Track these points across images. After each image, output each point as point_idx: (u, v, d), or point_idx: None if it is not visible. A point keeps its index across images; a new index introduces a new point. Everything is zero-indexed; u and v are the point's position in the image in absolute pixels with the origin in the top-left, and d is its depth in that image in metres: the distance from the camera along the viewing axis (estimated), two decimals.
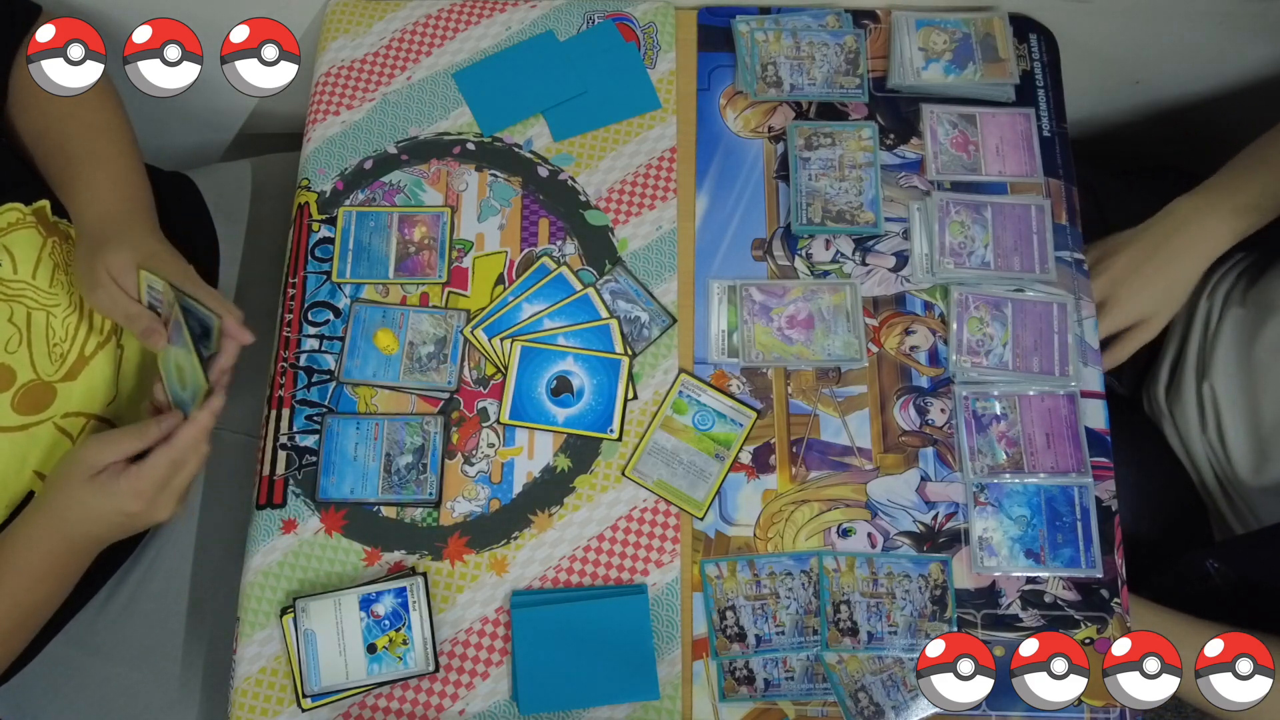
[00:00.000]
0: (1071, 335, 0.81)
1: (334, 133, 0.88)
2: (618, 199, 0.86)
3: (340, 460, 0.78)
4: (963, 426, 0.79)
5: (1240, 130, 0.98)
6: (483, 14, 0.92)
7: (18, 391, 0.72)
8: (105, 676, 0.84)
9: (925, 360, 0.82)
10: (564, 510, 0.78)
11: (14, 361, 0.72)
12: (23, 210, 0.76)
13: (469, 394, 0.80)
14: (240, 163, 1.07)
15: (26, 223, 0.76)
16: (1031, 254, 0.84)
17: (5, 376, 0.72)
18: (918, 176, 0.87)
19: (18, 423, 0.72)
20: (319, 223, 0.86)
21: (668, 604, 0.76)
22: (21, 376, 0.73)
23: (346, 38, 0.92)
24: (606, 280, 0.83)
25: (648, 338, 0.82)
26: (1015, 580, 0.76)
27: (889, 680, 0.73)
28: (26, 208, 0.76)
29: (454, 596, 0.76)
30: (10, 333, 0.73)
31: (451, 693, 0.74)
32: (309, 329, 0.82)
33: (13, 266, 0.74)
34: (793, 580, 0.76)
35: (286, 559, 0.76)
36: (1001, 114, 0.88)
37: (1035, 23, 0.93)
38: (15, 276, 0.74)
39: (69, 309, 0.77)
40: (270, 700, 0.74)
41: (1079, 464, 0.78)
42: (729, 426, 0.79)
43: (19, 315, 0.73)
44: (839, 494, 0.78)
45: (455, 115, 0.89)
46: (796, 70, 0.89)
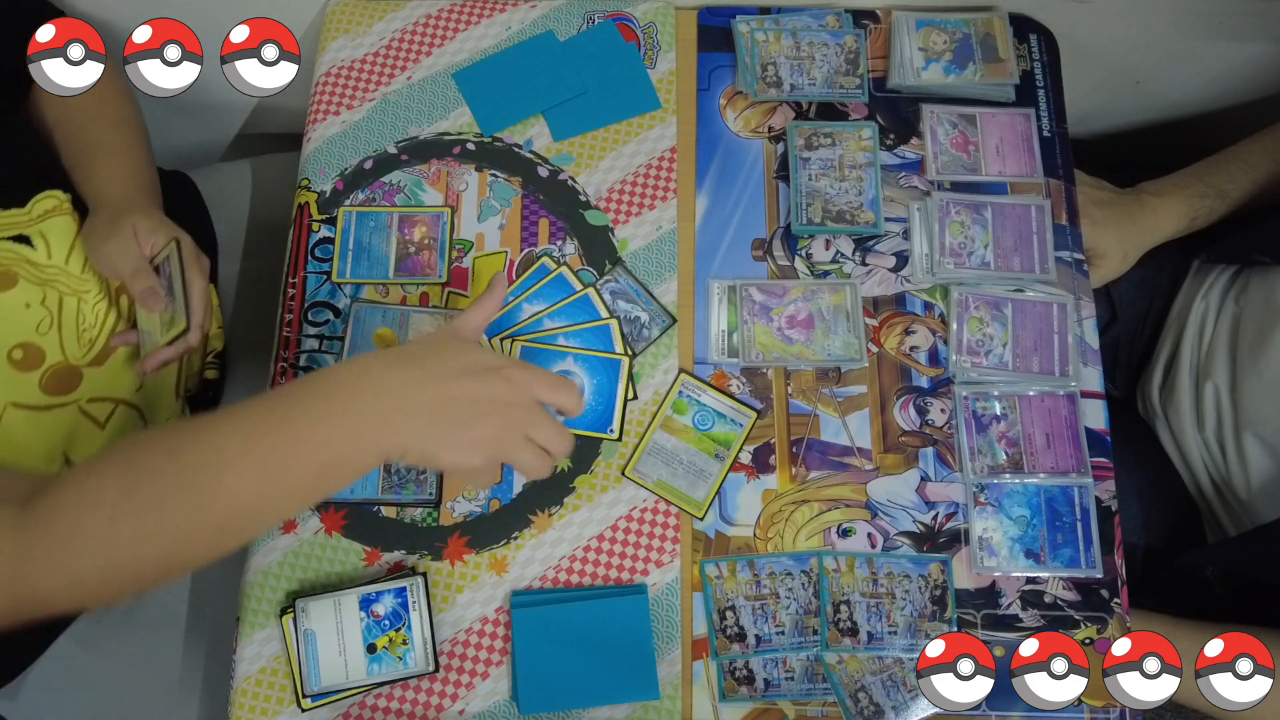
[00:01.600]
0: (1071, 335, 0.81)
1: (334, 133, 0.88)
2: (618, 199, 0.86)
3: None
4: (963, 426, 0.79)
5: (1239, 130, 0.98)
6: (483, 14, 0.92)
7: (46, 372, 0.73)
8: (106, 676, 0.85)
9: (925, 360, 0.82)
10: (564, 510, 0.78)
11: (44, 343, 0.73)
12: (60, 197, 0.77)
13: None
14: (240, 162, 1.07)
15: (63, 210, 0.77)
16: (1031, 254, 0.84)
17: (34, 356, 0.73)
18: (918, 176, 0.87)
19: (44, 402, 0.73)
20: (319, 223, 0.86)
21: (668, 604, 0.76)
22: (50, 358, 0.74)
23: (346, 38, 0.92)
24: (606, 280, 0.83)
25: (648, 338, 0.82)
26: (1015, 580, 0.76)
27: (889, 680, 0.73)
28: (64, 195, 0.78)
29: (454, 596, 0.76)
30: (42, 315, 0.74)
31: (451, 693, 0.74)
32: (309, 329, 0.82)
33: (47, 251, 0.75)
34: (793, 580, 0.76)
35: (286, 559, 0.76)
36: (1001, 114, 0.88)
37: (1035, 23, 0.93)
38: (49, 261, 0.75)
39: (99, 295, 0.79)
40: (270, 700, 0.74)
41: (1079, 464, 0.78)
42: (729, 426, 0.79)
43: (51, 299, 0.74)
44: (839, 494, 0.78)
45: (455, 115, 0.89)
46: (796, 70, 0.89)
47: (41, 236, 0.75)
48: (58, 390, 0.74)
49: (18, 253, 0.73)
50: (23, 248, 0.73)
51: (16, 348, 0.71)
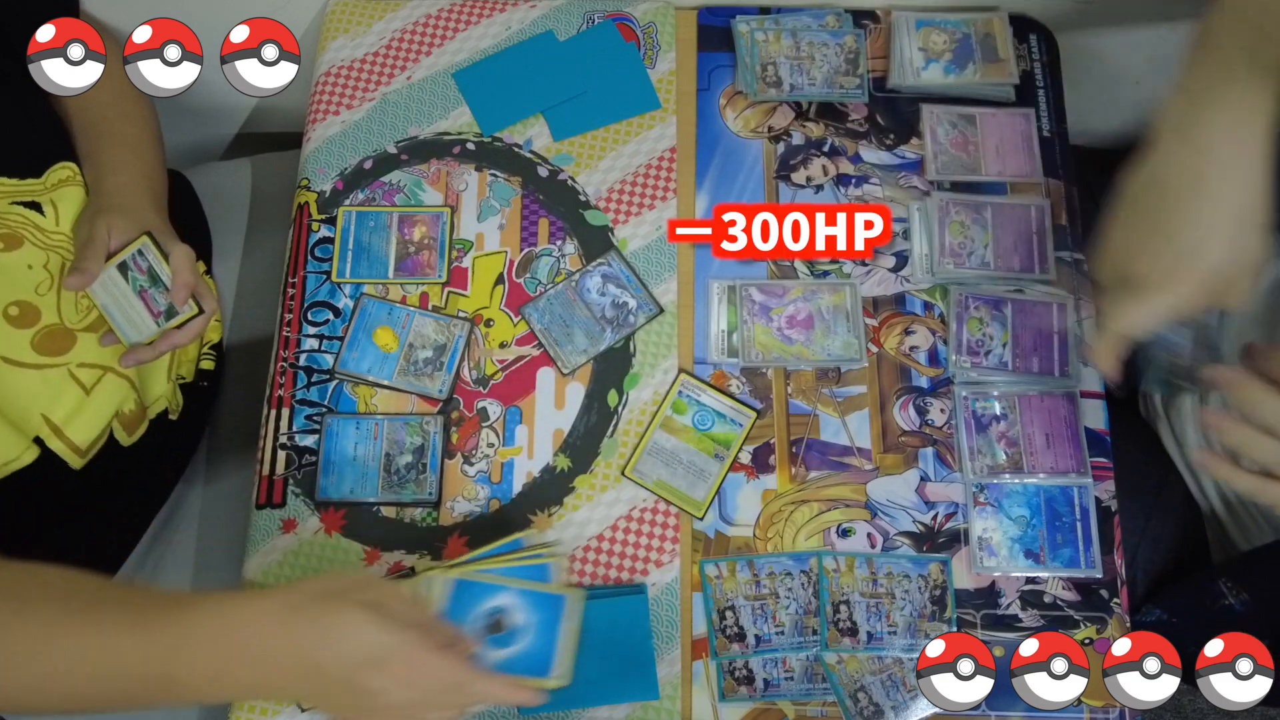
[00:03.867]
0: (1071, 335, 0.81)
1: (334, 132, 0.88)
2: (618, 199, 0.86)
3: (340, 460, 0.78)
4: (962, 427, 0.79)
5: None
6: (483, 14, 0.92)
7: (39, 332, 0.74)
8: None
9: (925, 360, 0.82)
10: (564, 510, 0.78)
11: (41, 304, 0.74)
12: (73, 169, 0.79)
13: (469, 394, 0.80)
14: (240, 161, 1.07)
15: (75, 181, 0.79)
16: (1031, 254, 0.84)
17: (30, 315, 0.74)
18: (918, 176, 0.87)
19: (34, 361, 0.73)
20: (319, 222, 0.86)
21: (667, 604, 0.76)
22: (46, 319, 0.74)
23: (346, 38, 0.92)
24: (599, 263, 0.83)
25: (632, 324, 0.81)
26: (1015, 580, 0.76)
27: (888, 680, 0.74)
28: (76, 167, 0.80)
29: None
30: (43, 277, 0.75)
31: None
32: (309, 329, 0.82)
33: (55, 219, 0.77)
34: (792, 580, 0.76)
35: (286, 559, 0.76)
36: (1001, 114, 0.88)
37: (1035, 23, 0.93)
38: (56, 228, 0.77)
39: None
40: (270, 700, 0.74)
41: (1079, 464, 0.78)
42: (729, 426, 0.79)
43: (53, 263, 0.76)
44: (839, 494, 0.78)
45: (455, 115, 0.89)
46: (796, 70, 0.89)
47: (52, 204, 0.76)
48: (49, 350, 0.74)
49: (27, 217, 0.75)
50: (33, 213, 0.75)
51: (13, 305, 0.72)
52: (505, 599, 0.69)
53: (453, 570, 0.69)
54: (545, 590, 0.70)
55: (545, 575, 0.71)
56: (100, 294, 0.76)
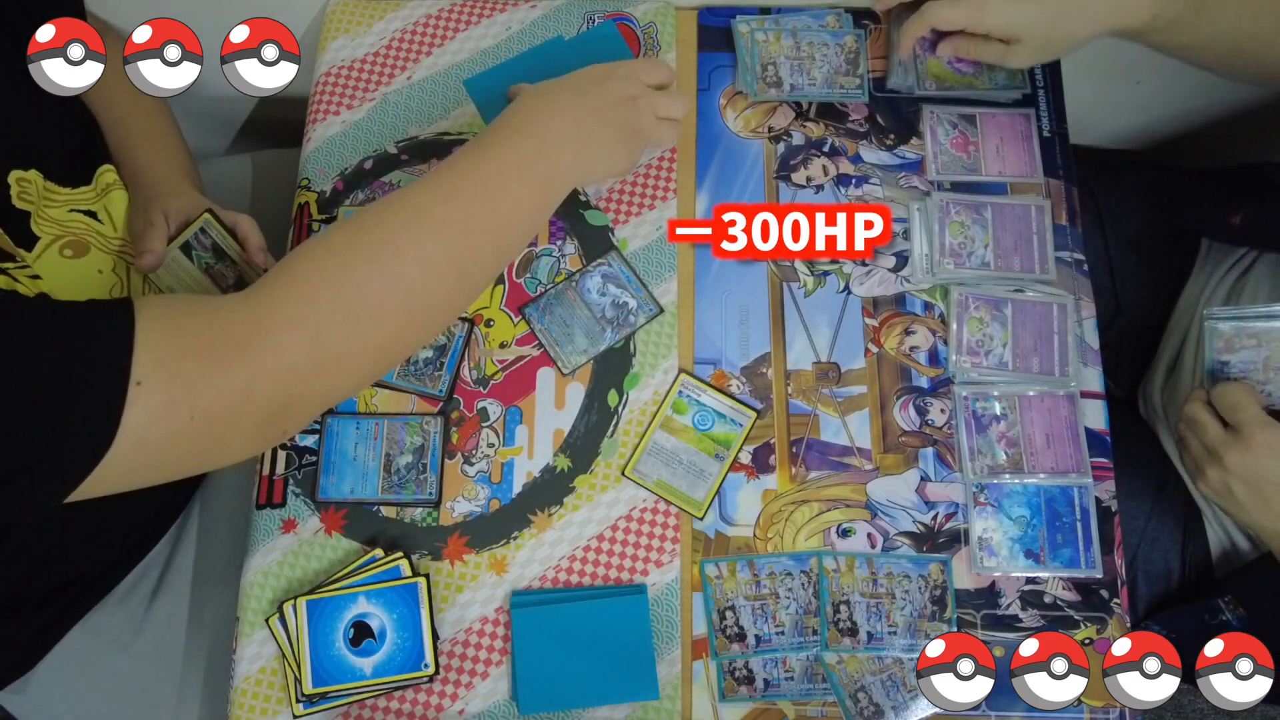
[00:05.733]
0: (1071, 335, 0.81)
1: (334, 133, 0.88)
2: (618, 199, 0.86)
3: (340, 460, 0.78)
4: (962, 427, 0.79)
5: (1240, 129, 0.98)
6: (483, 14, 0.92)
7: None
8: (117, 671, 0.85)
9: (925, 360, 0.82)
10: (564, 510, 0.78)
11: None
12: (115, 171, 0.81)
13: (469, 394, 0.80)
14: (240, 157, 1.07)
15: (119, 185, 0.80)
16: (1031, 254, 0.84)
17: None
18: (918, 176, 0.87)
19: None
20: (319, 222, 0.86)
21: (667, 604, 0.76)
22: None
23: (346, 37, 0.92)
24: (600, 263, 0.83)
25: (633, 324, 0.82)
26: (1015, 580, 0.76)
27: (889, 680, 0.74)
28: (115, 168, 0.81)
29: (454, 596, 0.76)
30: (113, 281, 0.78)
31: (451, 693, 0.74)
32: None
33: (112, 225, 0.78)
34: (792, 580, 0.76)
35: (286, 559, 0.76)
36: (1001, 114, 0.88)
37: None
38: (116, 234, 0.79)
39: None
40: (270, 700, 0.74)
41: (1079, 464, 0.78)
42: (729, 426, 0.79)
43: (120, 267, 0.78)
44: (839, 494, 0.78)
45: (455, 115, 0.89)
46: (796, 70, 0.89)
47: (106, 211, 0.78)
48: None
49: (89, 224, 0.76)
50: (92, 221, 0.77)
51: None
52: (362, 605, 0.73)
53: (301, 597, 0.73)
54: (395, 584, 0.73)
55: (396, 576, 0.74)
56: (166, 277, 0.77)
